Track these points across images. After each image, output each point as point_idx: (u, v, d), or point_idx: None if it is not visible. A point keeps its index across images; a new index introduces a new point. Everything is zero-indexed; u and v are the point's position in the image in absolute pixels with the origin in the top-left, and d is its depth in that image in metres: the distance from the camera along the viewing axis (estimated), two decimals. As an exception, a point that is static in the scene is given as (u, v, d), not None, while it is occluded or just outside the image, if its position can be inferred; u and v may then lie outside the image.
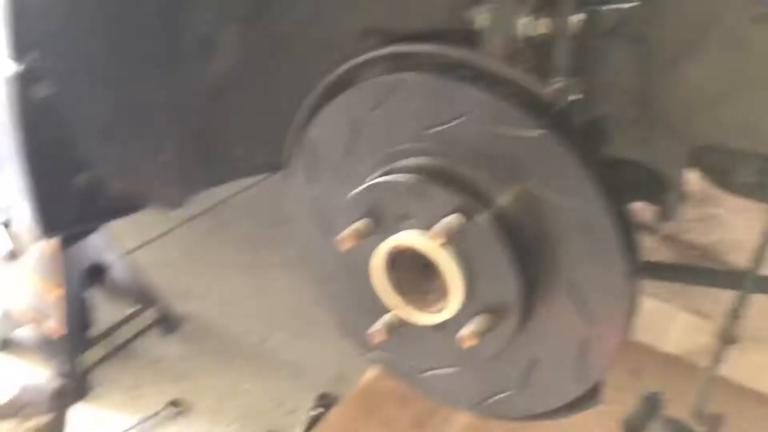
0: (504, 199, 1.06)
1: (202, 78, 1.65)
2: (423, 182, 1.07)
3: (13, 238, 1.98)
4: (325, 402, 2.01)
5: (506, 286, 1.07)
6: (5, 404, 1.53)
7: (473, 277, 1.08)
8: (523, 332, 1.12)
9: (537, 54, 1.14)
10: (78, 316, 2.01)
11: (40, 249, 1.98)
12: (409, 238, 1.09)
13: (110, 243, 2.10)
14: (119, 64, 1.49)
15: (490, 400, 1.22)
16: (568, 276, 1.07)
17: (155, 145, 1.64)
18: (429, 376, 1.27)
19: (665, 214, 1.64)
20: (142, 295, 2.17)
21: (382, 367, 1.34)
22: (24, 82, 1.34)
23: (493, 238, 1.05)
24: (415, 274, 1.15)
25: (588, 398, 1.17)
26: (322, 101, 1.19)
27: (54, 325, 1.98)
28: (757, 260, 1.47)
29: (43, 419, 1.51)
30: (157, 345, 2.17)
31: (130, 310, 2.15)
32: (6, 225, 1.99)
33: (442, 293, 1.11)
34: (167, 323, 2.21)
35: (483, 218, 1.05)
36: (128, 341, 2.12)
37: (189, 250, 2.53)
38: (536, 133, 1.01)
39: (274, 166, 1.42)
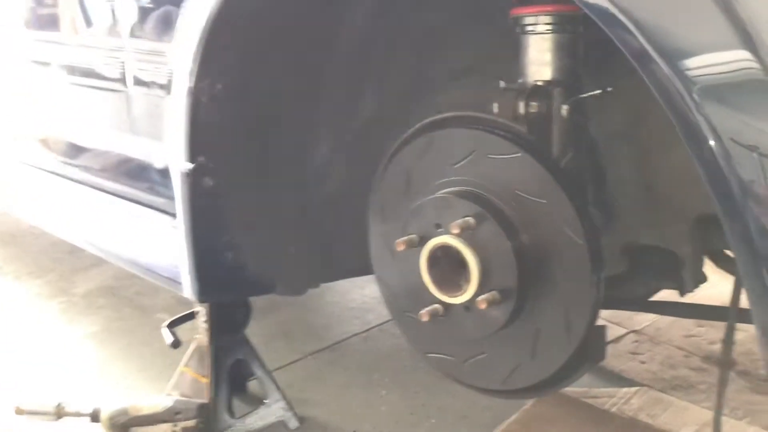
0: (503, 205, 1.54)
1: (319, 193, 2.23)
2: (449, 198, 1.58)
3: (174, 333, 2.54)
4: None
5: (508, 270, 1.52)
6: (164, 411, 2.04)
7: (487, 265, 1.54)
8: (526, 307, 1.55)
9: (538, 126, 1.65)
10: (220, 403, 2.48)
11: (195, 344, 2.52)
12: (441, 238, 1.58)
13: (251, 350, 2.61)
14: (260, 174, 2.10)
15: (511, 375, 1.61)
16: (550, 257, 1.51)
17: (284, 240, 2.20)
18: (469, 364, 1.68)
19: (682, 291, 2.02)
20: (272, 394, 2.63)
21: (436, 366, 1.76)
22: (194, 176, 1.93)
23: (496, 235, 1.52)
24: (452, 273, 1.61)
25: (582, 360, 1.55)
26: (387, 163, 1.74)
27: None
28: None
29: (192, 422, 2.01)
30: (280, 437, 2.61)
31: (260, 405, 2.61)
32: (170, 325, 2.57)
33: (468, 280, 1.57)
34: (290, 421, 2.65)
35: (489, 221, 1.53)
36: (258, 429, 2.57)
37: (312, 375, 3.00)
38: (516, 154, 1.51)
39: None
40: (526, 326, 1.55)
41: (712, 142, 1.09)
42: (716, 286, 2.23)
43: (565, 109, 1.65)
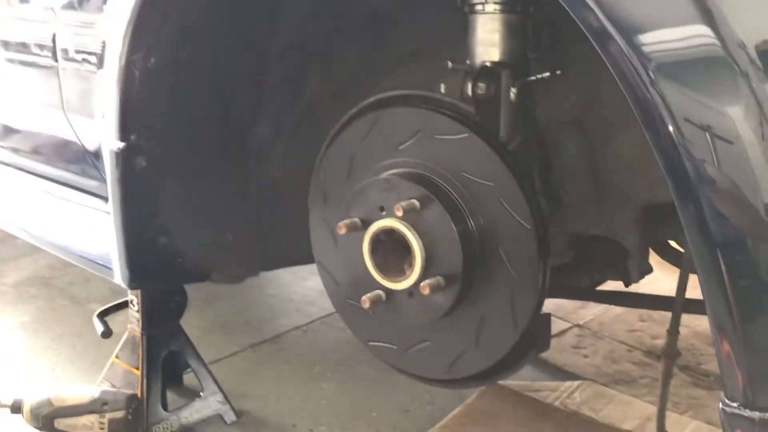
0: (449, 188, 1.49)
1: (260, 179, 2.14)
2: (393, 179, 1.51)
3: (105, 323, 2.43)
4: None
5: (453, 254, 1.46)
6: (90, 402, 1.94)
7: (431, 249, 1.48)
8: (471, 294, 1.50)
9: (485, 108, 1.60)
10: (153, 395, 2.38)
11: (126, 334, 2.42)
12: (384, 221, 1.51)
13: (186, 341, 2.51)
14: (197, 156, 2.00)
15: (455, 363, 1.56)
16: (497, 241, 1.46)
17: (222, 226, 2.11)
18: (412, 353, 1.62)
19: (626, 281, 1.99)
20: (208, 387, 2.54)
21: (379, 355, 1.70)
22: (125, 156, 1.82)
23: (442, 218, 1.46)
24: (396, 257, 1.55)
25: (527, 348, 1.50)
26: (330, 144, 1.67)
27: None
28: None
29: (120, 413, 1.92)
30: (217, 430, 2.52)
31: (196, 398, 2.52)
32: (102, 314, 2.47)
33: (412, 265, 1.51)
34: (226, 414, 2.56)
35: (435, 204, 1.47)
36: (193, 423, 2.48)
37: (251, 368, 2.92)
38: (463, 135, 1.45)
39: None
40: (470, 313, 1.50)
41: (666, 122, 1.04)
42: (658, 282, 2.23)
43: (513, 92, 1.60)
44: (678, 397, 2.59)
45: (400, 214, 1.44)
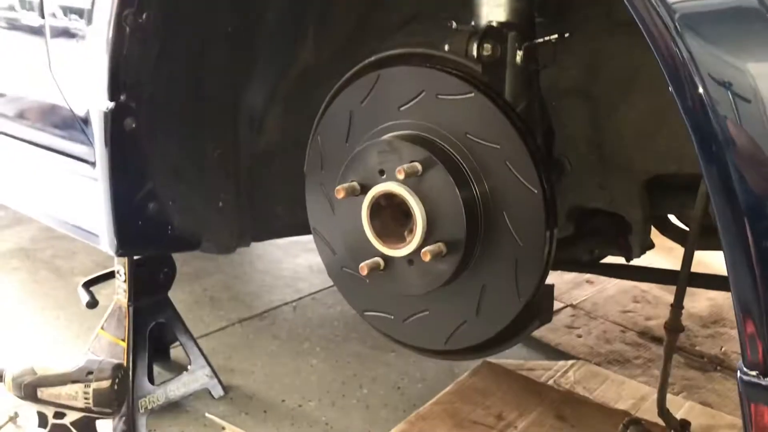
0: (453, 150, 1.43)
1: (252, 145, 2.08)
2: (394, 141, 1.45)
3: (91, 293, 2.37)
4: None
5: (456, 220, 1.41)
6: (75, 371, 1.88)
7: (432, 215, 1.42)
8: (473, 262, 1.44)
9: (490, 70, 1.54)
10: (139, 368, 2.32)
11: (113, 305, 2.35)
12: (384, 185, 1.45)
13: (174, 313, 2.45)
14: (188, 119, 1.93)
15: (455, 334, 1.51)
16: (501, 207, 1.40)
17: (213, 193, 2.04)
18: (410, 322, 1.57)
19: (627, 257, 1.94)
20: (196, 360, 2.48)
21: (375, 325, 1.64)
22: (114, 116, 1.76)
23: (445, 182, 1.40)
24: (396, 223, 1.49)
25: (530, 319, 1.45)
26: (328, 105, 1.61)
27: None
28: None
29: (105, 383, 1.86)
30: (205, 404, 2.46)
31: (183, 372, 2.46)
32: (87, 284, 2.40)
33: (412, 231, 1.45)
34: (214, 389, 2.51)
35: (437, 167, 1.41)
36: (180, 397, 2.42)
37: (240, 342, 2.87)
38: (469, 95, 1.39)
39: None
40: (472, 281, 1.45)
41: (694, 78, 0.98)
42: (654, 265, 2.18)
43: (519, 54, 1.54)
44: (672, 378, 2.54)
45: (401, 177, 1.38)
